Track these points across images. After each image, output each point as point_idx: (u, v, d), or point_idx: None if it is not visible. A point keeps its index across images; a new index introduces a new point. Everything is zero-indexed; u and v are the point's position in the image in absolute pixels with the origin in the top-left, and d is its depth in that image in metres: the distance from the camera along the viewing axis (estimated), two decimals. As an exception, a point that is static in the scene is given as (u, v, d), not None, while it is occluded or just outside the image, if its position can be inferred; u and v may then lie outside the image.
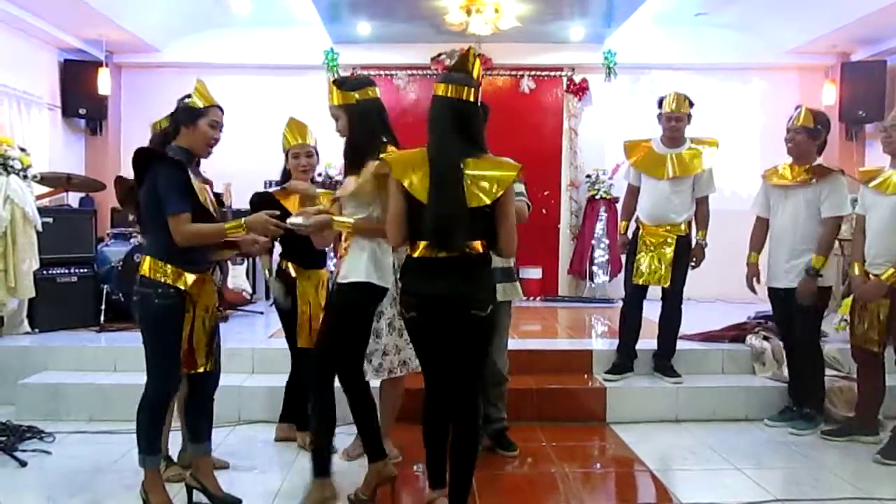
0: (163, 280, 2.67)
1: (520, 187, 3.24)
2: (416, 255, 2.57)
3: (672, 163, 4.26)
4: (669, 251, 4.22)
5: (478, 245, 2.54)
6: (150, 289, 2.68)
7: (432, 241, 2.52)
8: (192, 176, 2.71)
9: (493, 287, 2.69)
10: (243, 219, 2.77)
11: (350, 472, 3.26)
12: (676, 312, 4.36)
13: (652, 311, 4.48)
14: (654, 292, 4.40)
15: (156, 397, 2.76)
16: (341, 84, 2.88)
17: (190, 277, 2.71)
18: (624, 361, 4.41)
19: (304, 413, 3.35)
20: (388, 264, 2.89)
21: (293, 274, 3.47)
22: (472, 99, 2.57)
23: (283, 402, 3.75)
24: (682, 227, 4.27)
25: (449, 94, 2.56)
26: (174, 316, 2.70)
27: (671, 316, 4.37)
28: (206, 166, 3.04)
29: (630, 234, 4.44)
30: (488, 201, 2.49)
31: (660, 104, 4.33)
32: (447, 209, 2.47)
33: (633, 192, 4.47)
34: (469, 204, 2.48)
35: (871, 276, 3.61)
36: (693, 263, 4.32)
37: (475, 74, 2.60)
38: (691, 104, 4.33)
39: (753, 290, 4.19)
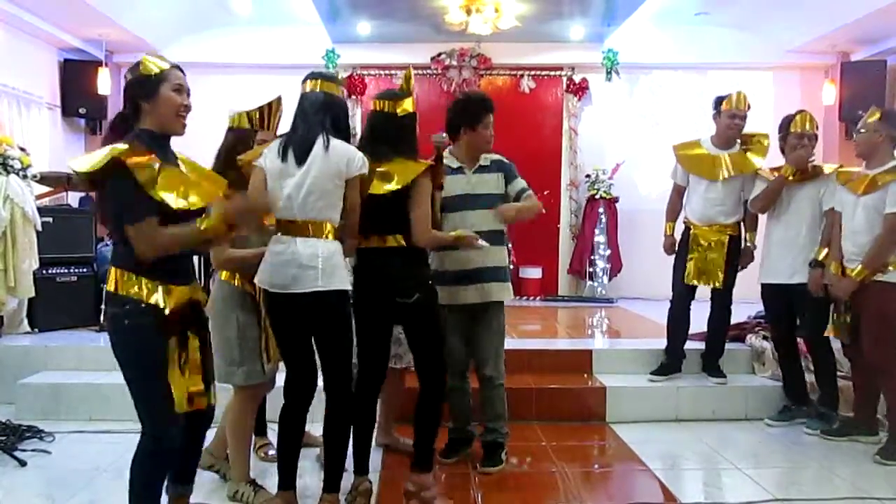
0: (134, 296, 2.13)
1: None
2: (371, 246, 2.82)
3: (726, 163, 4.20)
4: (723, 252, 4.18)
5: None
6: (119, 307, 2.14)
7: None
8: (159, 163, 2.14)
9: None
10: (220, 211, 2.18)
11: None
12: (726, 312, 4.35)
13: (654, 310, 4.47)
14: (653, 291, 4.37)
15: (155, 448, 2.17)
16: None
17: (170, 291, 2.18)
18: (673, 362, 4.40)
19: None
20: None
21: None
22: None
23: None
24: (734, 227, 4.25)
25: (412, 110, 2.83)
26: (152, 339, 2.14)
27: (721, 315, 4.35)
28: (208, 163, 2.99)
29: (678, 235, 4.38)
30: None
31: (719, 103, 4.24)
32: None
33: (680, 193, 4.41)
34: None
35: (845, 272, 3.66)
36: (741, 266, 4.28)
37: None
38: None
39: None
